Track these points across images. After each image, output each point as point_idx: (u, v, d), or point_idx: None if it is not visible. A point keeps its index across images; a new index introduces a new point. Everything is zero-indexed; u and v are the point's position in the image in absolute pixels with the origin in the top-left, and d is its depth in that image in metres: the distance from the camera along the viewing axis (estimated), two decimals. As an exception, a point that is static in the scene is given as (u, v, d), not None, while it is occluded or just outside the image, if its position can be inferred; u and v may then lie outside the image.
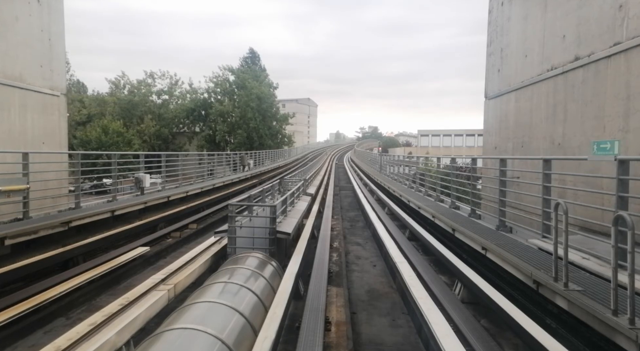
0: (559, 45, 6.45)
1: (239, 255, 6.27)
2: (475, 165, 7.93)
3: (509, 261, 4.77)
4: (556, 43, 6.48)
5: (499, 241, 5.62)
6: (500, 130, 8.27)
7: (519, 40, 7.52)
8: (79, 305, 6.09)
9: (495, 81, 8.66)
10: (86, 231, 8.52)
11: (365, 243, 10.76)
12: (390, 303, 6.34)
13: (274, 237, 6.49)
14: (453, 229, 7.09)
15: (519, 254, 4.91)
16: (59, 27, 8.98)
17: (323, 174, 28.76)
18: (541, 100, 6.77)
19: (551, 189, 5.28)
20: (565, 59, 6.26)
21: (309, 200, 12.45)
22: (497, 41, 8.56)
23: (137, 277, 7.39)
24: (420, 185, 13.71)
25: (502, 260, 4.98)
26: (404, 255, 7.79)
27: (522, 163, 7.25)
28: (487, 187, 8.25)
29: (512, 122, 7.78)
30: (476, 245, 5.86)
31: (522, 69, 7.41)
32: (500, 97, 8.31)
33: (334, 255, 8.82)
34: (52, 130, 8.78)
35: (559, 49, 6.43)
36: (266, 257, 6.30)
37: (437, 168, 11.25)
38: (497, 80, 8.52)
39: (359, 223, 14.12)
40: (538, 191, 6.16)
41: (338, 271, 7.61)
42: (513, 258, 4.69)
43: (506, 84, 8.06)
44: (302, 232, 9.48)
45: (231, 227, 6.35)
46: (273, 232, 6.49)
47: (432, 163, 16.05)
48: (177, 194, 12.56)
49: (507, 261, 4.81)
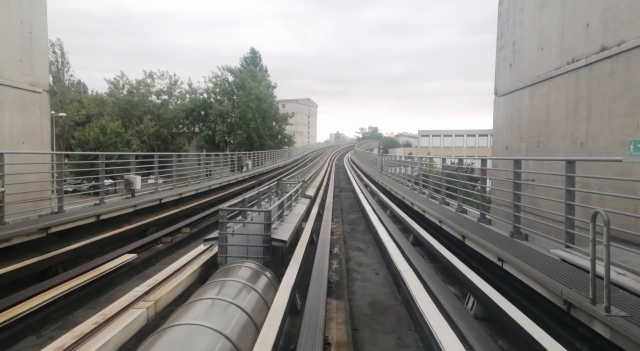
0: (581, 35, 5.90)
1: (230, 264, 5.74)
2: (486, 166, 7.39)
3: (531, 275, 4.23)
4: (578, 33, 5.93)
5: (517, 251, 5.08)
6: (513, 129, 7.73)
7: (534, 32, 6.98)
8: (53, 321, 5.55)
9: (506, 76, 8.11)
10: (70, 237, 7.98)
11: (366, 249, 10.23)
12: (395, 317, 5.80)
13: (269, 245, 5.95)
14: (463, 236, 6.56)
15: (542, 267, 4.37)
16: (41, 19, 8.43)
17: (323, 175, 28.23)
18: (560, 96, 6.23)
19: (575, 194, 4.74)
20: (590, 49, 5.71)
21: (308, 202, 11.92)
22: (508, 34, 8.01)
23: (121, 287, 6.85)
24: (423, 186, 13.17)
25: (522, 273, 4.44)
26: (409, 263, 7.26)
27: (538, 164, 6.72)
28: (498, 189, 7.72)
29: (526, 120, 7.23)
30: (491, 255, 5.32)
31: (538, 62, 6.86)
32: (512, 94, 7.77)
33: (333, 262, 8.28)
34: (32, 128, 8.23)
35: (582, 39, 5.88)
36: (260, 266, 5.77)
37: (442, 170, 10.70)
38: (509, 75, 7.97)
39: (359, 226, 13.59)
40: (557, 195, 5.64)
41: (338, 280, 7.07)
42: (536, 273, 4.15)
43: (519, 79, 7.51)
44: (301, 237, 8.95)
45: (222, 234, 5.81)
46: (268, 240, 5.95)
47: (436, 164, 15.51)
48: (170, 196, 12.02)
49: (530, 275, 4.27)
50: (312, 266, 7.07)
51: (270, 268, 6.16)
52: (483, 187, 7.50)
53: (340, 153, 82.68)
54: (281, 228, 7.11)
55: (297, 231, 9.09)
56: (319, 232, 10.46)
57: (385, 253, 8.61)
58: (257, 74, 56.48)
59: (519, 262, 4.58)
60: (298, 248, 7.63)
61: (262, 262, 5.98)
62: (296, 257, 6.95)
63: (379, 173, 24.82)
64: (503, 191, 7.39)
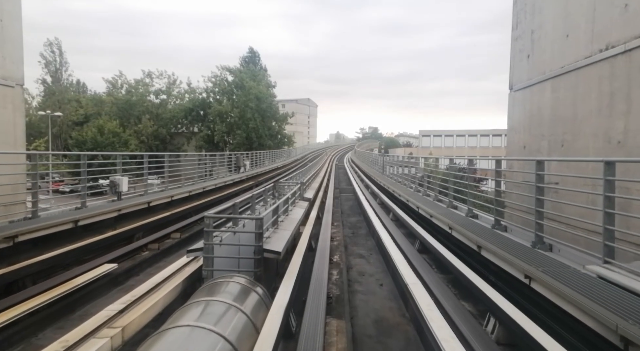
0: (618, 18, 5.20)
1: (216, 279, 5.05)
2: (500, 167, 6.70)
3: (572, 300, 3.53)
4: (614, 15, 5.24)
5: (547, 266, 4.38)
6: (531, 126, 7.03)
7: (558, 18, 6.28)
8: (13, 345, 4.86)
9: (523, 69, 7.40)
10: (45, 245, 7.30)
11: (369, 255, 9.55)
12: (404, 339, 5.12)
13: (260, 257, 5.25)
14: (479, 246, 5.86)
15: (583, 289, 3.68)
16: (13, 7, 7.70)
17: (323, 175, 27.55)
18: (591, 88, 5.52)
19: (614, 200, 4.05)
20: (629, 34, 4.99)
21: (306, 205, 11.23)
22: (525, 22, 7.30)
23: (97, 302, 6.15)
24: (429, 188, 12.48)
25: (560, 297, 3.74)
26: (416, 274, 6.57)
27: (563, 166, 6.03)
28: (514, 193, 7.03)
29: (548, 116, 6.53)
30: (515, 271, 4.63)
31: (562, 51, 6.16)
32: (531, 88, 7.07)
33: (333, 272, 7.60)
34: (4, 126, 7.53)
35: (619, 23, 5.17)
36: (250, 281, 5.08)
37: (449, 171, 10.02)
38: (526, 67, 7.26)
39: (361, 229, 12.92)
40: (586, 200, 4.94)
41: (339, 295, 6.38)
42: (579, 298, 3.46)
43: (539, 72, 6.81)
44: (298, 243, 8.28)
45: (207, 244, 5.12)
46: (259, 251, 5.26)
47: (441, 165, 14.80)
48: (160, 199, 11.33)
49: (570, 300, 3.57)
50: (310, 278, 6.39)
51: (262, 282, 5.48)
52: (498, 191, 6.80)
53: (340, 153, 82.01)
54: (275, 236, 6.41)
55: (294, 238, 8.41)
56: (318, 237, 9.79)
57: (390, 261, 7.94)
58: (258, 74, 55.84)
59: (552, 281, 3.89)
60: (295, 257, 6.94)
61: (253, 276, 5.29)
62: (292, 268, 6.27)
63: (380, 174, 24.13)
64: (520, 195, 6.70)
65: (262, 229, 5.21)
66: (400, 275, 6.56)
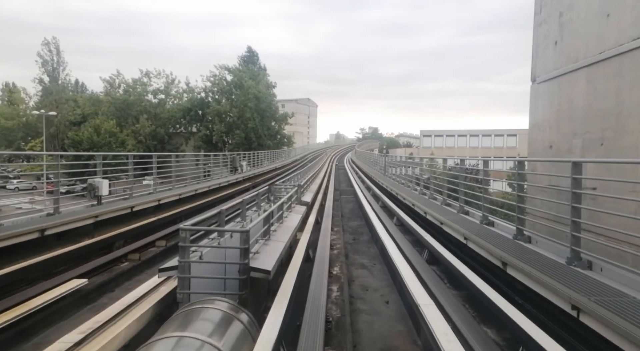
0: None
1: (193, 305, 4.23)
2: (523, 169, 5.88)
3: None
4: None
5: (598, 295, 3.54)
6: (560, 122, 6.18)
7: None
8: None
9: (549, 58, 6.53)
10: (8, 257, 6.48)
11: (372, 266, 8.72)
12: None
13: (246, 277, 4.41)
14: (504, 263, 5.02)
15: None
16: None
17: (322, 177, 26.74)
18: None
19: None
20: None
21: (303, 210, 10.40)
22: (552, 4, 6.44)
23: (61, 326, 5.33)
24: (436, 191, 11.66)
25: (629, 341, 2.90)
26: (428, 292, 5.74)
27: (603, 168, 5.20)
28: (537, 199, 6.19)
29: (582, 111, 5.68)
30: (560, 301, 3.78)
31: (601, 34, 5.31)
32: (559, 78, 6.22)
33: (333, 287, 6.77)
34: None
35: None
36: (233, 307, 4.25)
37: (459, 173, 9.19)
38: (553, 56, 6.40)
39: (363, 235, 12.10)
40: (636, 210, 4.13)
41: (340, 317, 5.55)
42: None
43: (570, 59, 5.95)
44: (294, 253, 7.46)
45: (182, 262, 4.29)
46: (245, 270, 4.41)
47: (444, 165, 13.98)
48: (146, 203, 10.50)
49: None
50: (306, 297, 5.56)
51: (249, 305, 4.65)
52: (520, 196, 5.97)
53: (340, 153, 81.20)
54: (266, 250, 5.57)
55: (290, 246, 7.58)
56: (317, 245, 8.97)
57: (396, 274, 7.12)
58: (259, 73, 55.06)
59: (613, 317, 3.05)
60: (289, 271, 6.13)
61: (237, 300, 4.46)
62: (286, 284, 5.44)
63: (382, 175, 23.31)
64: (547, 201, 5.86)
65: (248, 244, 4.37)
66: (409, 292, 5.73)
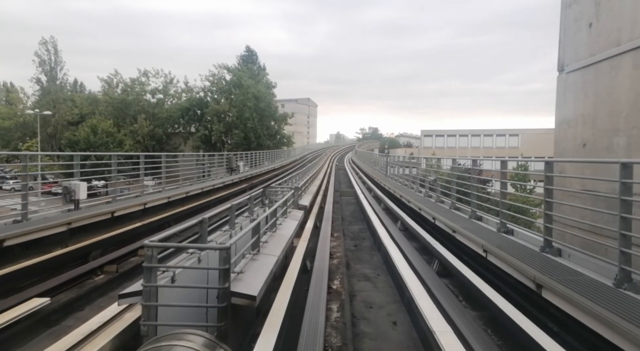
0: None
1: (160, 340, 3.40)
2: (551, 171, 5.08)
3: None
4: None
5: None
6: (596, 117, 5.36)
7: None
8: None
9: (581, 43, 5.67)
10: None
11: (376, 277, 7.92)
12: None
13: (226, 304, 3.58)
14: (538, 285, 4.20)
15: None
16: None
17: (322, 177, 25.93)
18: None
19: None
20: None
21: (301, 216, 9.57)
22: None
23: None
24: (443, 193, 10.86)
25: None
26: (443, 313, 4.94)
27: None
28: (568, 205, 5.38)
29: (627, 102, 4.86)
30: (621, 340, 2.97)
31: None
32: (595, 66, 5.38)
33: (333, 306, 5.94)
34: None
35: None
36: (210, 343, 3.42)
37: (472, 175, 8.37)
38: (586, 40, 5.55)
39: (365, 241, 11.30)
40: None
41: (340, 346, 4.72)
42: None
43: (610, 43, 5.10)
44: (290, 264, 6.66)
45: (147, 287, 3.46)
46: (225, 295, 3.58)
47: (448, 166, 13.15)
48: (130, 207, 9.68)
49: None
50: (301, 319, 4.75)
51: (230, 338, 3.83)
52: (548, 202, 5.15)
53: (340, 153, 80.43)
54: (253, 268, 4.73)
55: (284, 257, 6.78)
56: (315, 253, 8.17)
57: (404, 289, 6.32)
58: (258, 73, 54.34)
59: None
60: (282, 289, 5.32)
61: (215, 332, 3.64)
62: (278, 306, 4.64)
63: (384, 176, 22.49)
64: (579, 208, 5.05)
65: (229, 263, 3.55)
66: (420, 313, 4.94)
